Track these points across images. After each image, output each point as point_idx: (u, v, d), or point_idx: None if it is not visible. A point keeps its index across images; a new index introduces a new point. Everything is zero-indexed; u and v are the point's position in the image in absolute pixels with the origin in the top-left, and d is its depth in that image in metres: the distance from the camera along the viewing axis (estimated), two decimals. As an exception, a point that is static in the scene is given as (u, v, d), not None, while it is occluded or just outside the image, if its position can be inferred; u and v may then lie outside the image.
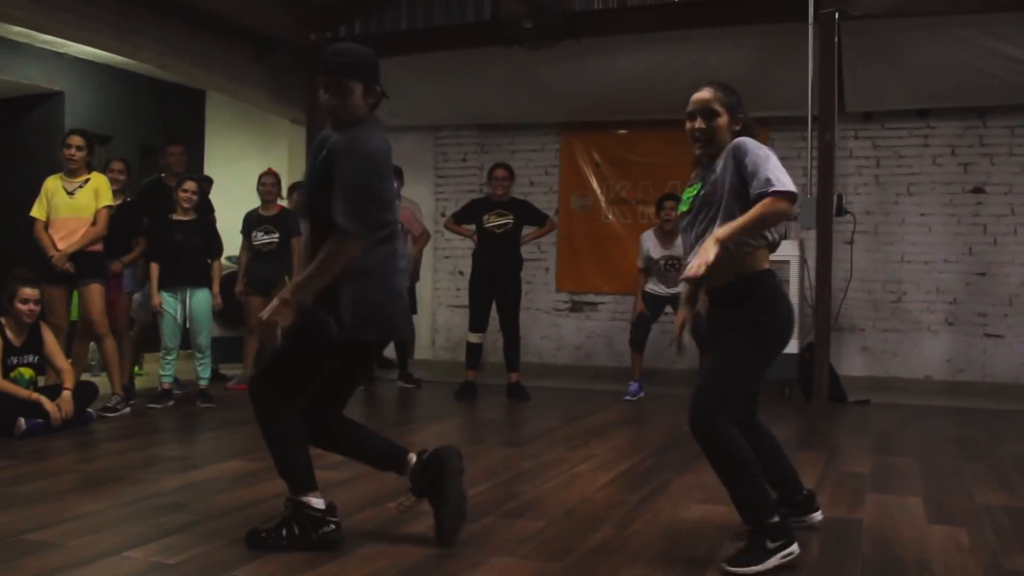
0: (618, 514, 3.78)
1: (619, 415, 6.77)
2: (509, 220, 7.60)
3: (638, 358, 7.70)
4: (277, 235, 7.58)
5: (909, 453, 5.33)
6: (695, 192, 3.27)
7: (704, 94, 3.24)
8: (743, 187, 3.10)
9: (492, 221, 7.60)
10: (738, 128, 3.24)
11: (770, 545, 3.05)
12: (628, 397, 7.59)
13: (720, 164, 3.19)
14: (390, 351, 8.88)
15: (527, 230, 7.82)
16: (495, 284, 7.63)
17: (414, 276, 8.30)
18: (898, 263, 8.60)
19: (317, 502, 3.29)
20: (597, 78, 8.49)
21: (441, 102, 9.41)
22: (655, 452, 5.23)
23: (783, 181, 3.01)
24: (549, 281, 9.66)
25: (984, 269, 8.40)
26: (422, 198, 9.47)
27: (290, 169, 9.68)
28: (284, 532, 3.24)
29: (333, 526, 3.27)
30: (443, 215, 9.71)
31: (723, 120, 3.21)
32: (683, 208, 3.33)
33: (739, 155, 3.13)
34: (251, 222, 7.71)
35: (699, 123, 3.22)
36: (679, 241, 7.60)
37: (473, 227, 7.76)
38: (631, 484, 4.38)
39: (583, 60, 8.35)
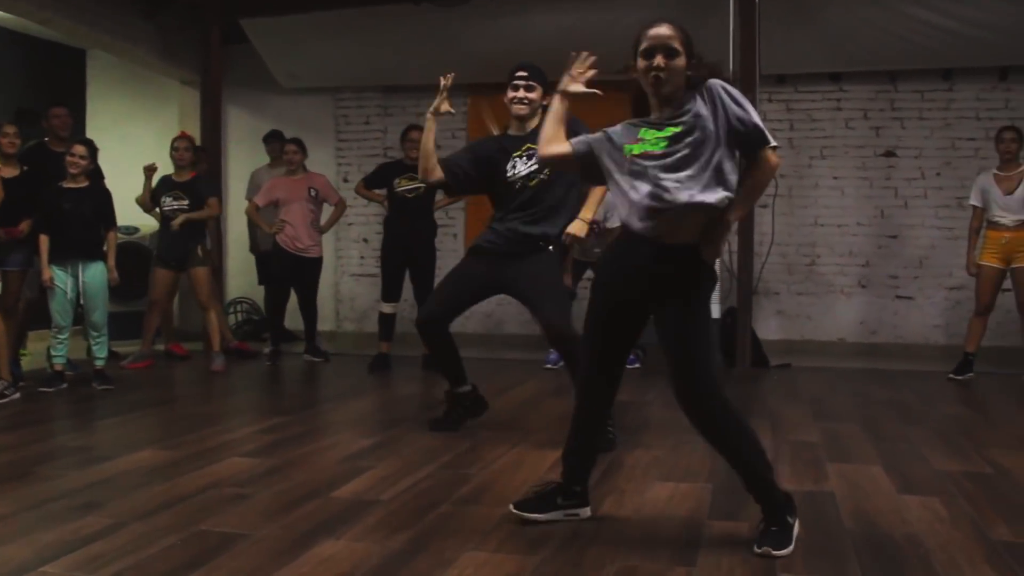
0: (580, 495, 3.53)
1: (544, 385, 6.53)
2: (421, 185, 7.25)
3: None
4: (187, 202, 7.19)
5: (849, 419, 5.22)
6: (671, 133, 2.90)
7: (664, 30, 2.90)
8: (730, 132, 2.89)
9: (404, 185, 7.25)
10: (690, 73, 2.93)
11: (790, 520, 2.94)
12: (548, 365, 7.37)
13: (702, 107, 2.90)
14: (296, 324, 8.47)
15: (441, 195, 7.50)
16: (407, 252, 7.29)
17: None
18: (812, 226, 8.57)
19: None
20: (509, 38, 8.15)
21: (342, 62, 8.96)
22: (595, 425, 5.00)
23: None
24: (458, 248, 9.32)
25: (895, 232, 8.44)
26: (323, 163, 9.03)
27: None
28: None
29: None
30: (345, 180, 9.32)
31: (682, 61, 2.89)
32: (651, 148, 2.91)
33: (726, 97, 2.91)
34: (161, 187, 7.32)
35: (660, 60, 2.87)
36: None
37: (384, 192, 7.40)
38: (581, 461, 4.13)
39: (495, 19, 8.05)
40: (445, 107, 4.62)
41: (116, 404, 5.62)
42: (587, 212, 4.59)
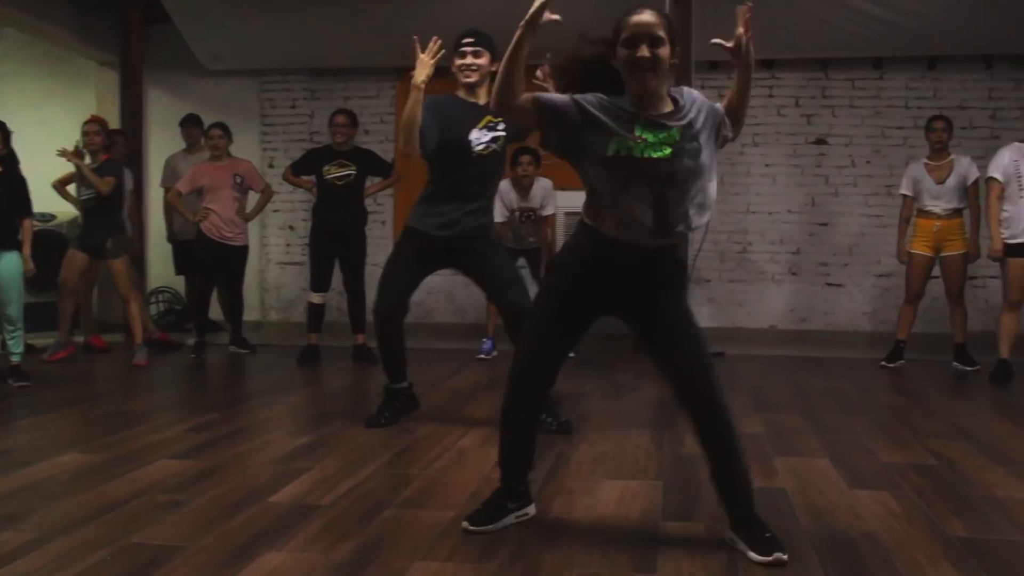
0: (528, 496, 3.42)
1: (479, 377, 6.40)
2: (351, 171, 7.06)
3: (495, 312, 7.34)
4: (94, 191, 6.84)
5: (790, 409, 5.20)
6: (676, 138, 2.70)
7: (647, 16, 2.69)
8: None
9: (333, 172, 7.04)
10: (674, 63, 2.76)
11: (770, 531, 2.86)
12: (482, 355, 7.26)
13: (697, 116, 2.76)
14: (220, 314, 8.24)
15: (371, 181, 7.32)
16: (337, 240, 7.09)
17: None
18: (744, 214, 8.57)
19: None
20: (440, 20, 7.93)
21: (267, 44, 8.67)
22: (536, 419, 4.89)
23: None
24: (387, 235, 9.14)
25: (826, 219, 8.48)
26: (248, 148, 8.75)
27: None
28: None
29: None
30: (270, 166, 9.07)
31: (667, 50, 2.69)
32: (655, 153, 2.68)
33: (718, 116, 2.86)
34: (80, 175, 7.04)
35: (645, 50, 2.66)
36: (534, 192, 7.34)
37: (313, 179, 7.19)
38: (526, 458, 4.02)
39: (426, 2, 7.85)
40: (424, 76, 4.29)
41: (34, 403, 5.33)
42: None
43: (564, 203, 7.59)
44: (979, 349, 6.80)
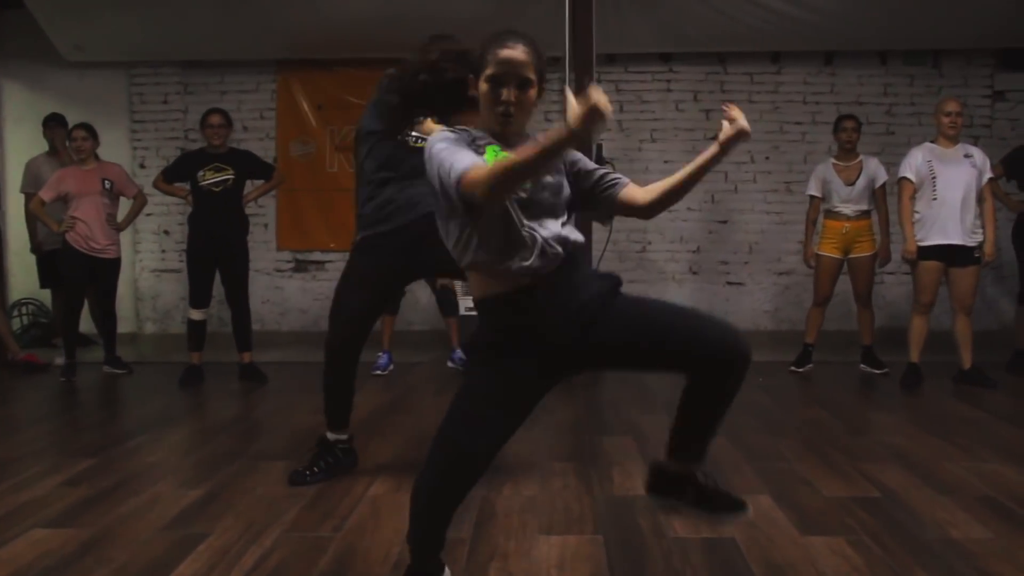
0: (460, 562, 3.05)
1: (378, 398, 5.98)
2: (229, 175, 6.53)
3: (390, 323, 6.94)
4: None
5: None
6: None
7: (519, 54, 2.30)
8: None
9: (209, 178, 6.50)
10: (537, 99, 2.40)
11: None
12: (378, 371, 6.84)
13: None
14: (90, 327, 7.60)
15: (251, 186, 6.81)
16: (216, 251, 6.56)
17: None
18: (643, 212, 8.33)
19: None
20: (322, 10, 7.51)
21: (136, 33, 8.01)
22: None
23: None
24: (269, 239, 8.64)
25: (726, 217, 8.33)
26: (116, 148, 8.12)
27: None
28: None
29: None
30: (142, 167, 8.45)
31: (535, 92, 2.35)
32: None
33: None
34: None
35: (510, 94, 2.30)
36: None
37: (187, 186, 6.63)
38: (447, 508, 3.64)
39: (307, -10, 7.37)
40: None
41: None
42: None
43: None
44: (879, 345, 6.72)
